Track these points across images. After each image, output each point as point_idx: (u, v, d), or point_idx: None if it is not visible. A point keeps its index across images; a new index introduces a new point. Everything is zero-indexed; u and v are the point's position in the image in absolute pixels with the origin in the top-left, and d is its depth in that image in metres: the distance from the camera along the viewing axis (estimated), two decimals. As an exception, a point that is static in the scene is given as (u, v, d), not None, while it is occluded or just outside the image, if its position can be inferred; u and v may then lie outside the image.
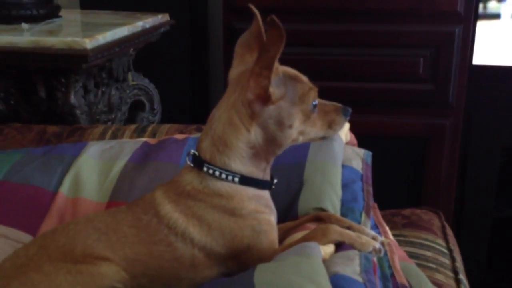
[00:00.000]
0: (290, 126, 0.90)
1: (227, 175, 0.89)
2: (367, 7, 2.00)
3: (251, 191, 0.91)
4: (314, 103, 0.92)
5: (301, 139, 0.94)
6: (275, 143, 0.91)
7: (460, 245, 1.44)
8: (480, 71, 2.08)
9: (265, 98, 0.87)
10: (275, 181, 0.97)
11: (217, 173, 0.90)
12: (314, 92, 0.92)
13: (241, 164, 0.90)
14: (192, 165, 0.92)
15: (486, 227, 2.19)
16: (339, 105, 0.96)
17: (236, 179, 0.90)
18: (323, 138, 0.97)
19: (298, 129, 0.91)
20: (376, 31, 2.01)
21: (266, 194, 0.95)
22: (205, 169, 0.90)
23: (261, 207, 0.92)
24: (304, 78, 0.93)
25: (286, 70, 0.91)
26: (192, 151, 0.93)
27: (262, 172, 0.93)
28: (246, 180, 0.91)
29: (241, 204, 0.90)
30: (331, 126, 0.95)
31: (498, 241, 2.26)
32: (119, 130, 1.50)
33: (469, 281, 1.25)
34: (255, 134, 0.89)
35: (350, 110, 0.96)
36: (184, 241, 0.88)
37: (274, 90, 0.87)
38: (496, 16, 2.08)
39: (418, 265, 1.15)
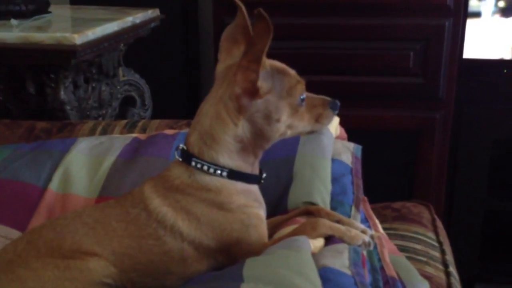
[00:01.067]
0: (278, 120, 0.90)
1: (215, 170, 0.89)
2: (357, 1, 2.00)
3: (240, 185, 0.91)
4: (301, 96, 0.91)
5: (289, 133, 0.93)
6: (263, 137, 0.91)
7: (451, 238, 1.44)
8: (469, 65, 2.09)
9: (253, 92, 0.87)
10: (264, 175, 0.97)
11: (205, 167, 0.89)
12: (301, 86, 0.92)
13: (229, 158, 0.90)
14: (180, 159, 0.92)
15: (477, 220, 2.20)
16: (328, 98, 0.96)
17: (224, 174, 0.90)
18: (311, 132, 0.96)
19: (286, 123, 0.91)
20: (366, 25, 2.01)
21: (255, 188, 0.95)
22: (193, 163, 0.90)
23: (250, 201, 0.92)
24: (292, 72, 0.93)
25: (273, 63, 0.91)
26: (181, 145, 0.93)
27: (250, 166, 0.93)
28: (234, 175, 0.91)
29: (229, 198, 0.90)
30: (319, 120, 0.94)
31: (489, 234, 2.28)
32: (109, 125, 1.49)
33: (460, 274, 1.25)
34: (242, 128, 0.89)
35: (338, 103, 0.96)
36: (173, 235, 0.88)
37: (262, 84, 0.87)
38: (477, 14, 2.09)
39: (408, 258, 1.15)
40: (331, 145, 1.17)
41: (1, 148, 1.25)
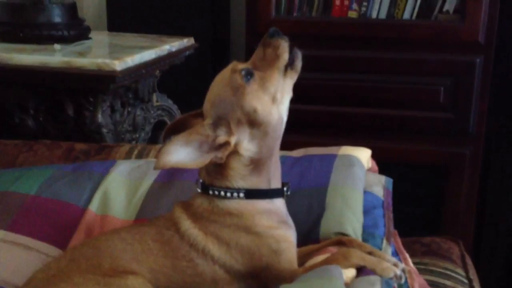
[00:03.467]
0: (257, 111, 0.89)
1: (231, 193, 0.92)
2: (389, 36, 2.04)
3: (260, 205, 0.93)
4: (244, 79, 0.90)
5: (278, 97, 0.90)
6: (266, 134, 0.91)
7: (479, 275, 1.43)
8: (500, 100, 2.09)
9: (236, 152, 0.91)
10: (286, 188, 0.97)
11: (222, 193, 0.93)
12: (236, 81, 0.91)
13: (242, 181, 0.93)
14: (199, 190, 0.96)
15: (506, 257, 2.17)
16: (264, 39, 0.93)
17: (242, 194, 0.93)
18: (288, 73, 0.92)
19: (266, 104, 0.89)
20: (398, 59, 2.04)
21: (279, 208, 0.96)
22: (210, 192, 0.94)
23: (274, 222, 0.93)
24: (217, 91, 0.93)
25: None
26: (200, 179, 0.96)
27: (267, 182, 0.94)
28: (252, 193, 0.93)
29: (252, 221, 0.92)
30: (278, 64, 0.91)
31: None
32: (144, 149, 1.53)
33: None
34: (246, 151, 0.91)
35: (273, 30, 0.92)
36: (204, 257, 0.91)
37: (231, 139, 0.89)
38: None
39: (437, 293, 1.15)
40: (364, 177, 1.19)
41: (44, 168, 1.30)
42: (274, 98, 0.91)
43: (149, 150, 1.54)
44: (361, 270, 0.92)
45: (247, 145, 0.91)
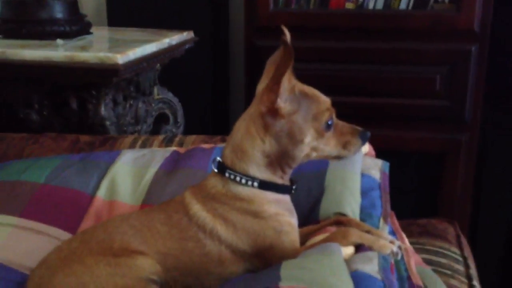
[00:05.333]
0: (302, 141, 0.95)
1: (247, 180, 0.97)
2: (386, 26, 2.07)
3: (271, 195, 0.98)
4: (329, 122, 0.97)
5: (314, 155, 0.98)
6: (288, 155, 0.97)
7: (475, 257, 1.47)
8: (495, 88, 2.13)
9: (274, 112, 0.94)
10: (295, 186, 1.02)
11: (237, 178, 0.97)
12: (329, 112, 0.97)
13: (258, 171, 0.97)
14: (216, 170, 0.99)
15: (501, 242, 2.21)
16: (358, 128, 1.00)
17: (256, 184, 0.97)
18: (338, 157, 1.00)
19: (310, 145, 0.96)
20: (394, 49, 2.08)
21: (286, 198, 1.01)
22: (227, 174, 0.98)
23: (281, 210, 0.98)
24: (323, 99, 0.98)
25: (304, 89, 0.97)
26: (218, 158, 1.00)
27: (280, 179, 0.99)
28: (265, 185, 0.97)
29: (261, 207, 0.96)
30: (346, 146, 0.98)
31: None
32: (148, 140, 1.57)
33: (484, 289, 1.28)
34: (269, 144, 0.96)
35: (368, 134, 0.99)
36: (212, 238, 0.95)
37: (285, 105, 0.93)
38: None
39: (433, 271, 1.20)
40: (361, 160, 1.23)
41: (51, 158, 1.34)
42: (318, 152, 0.98)
43: (152, 140, 1.58)
44: (359, 248, 0.96)
45: (273, 139, 0.95)
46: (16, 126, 1.95)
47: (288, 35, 0.93)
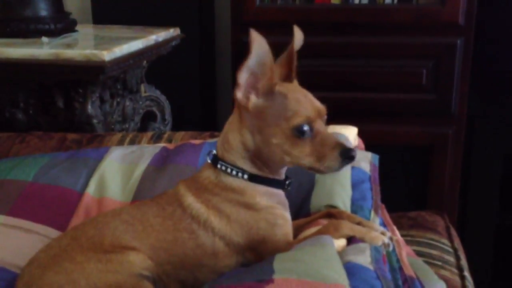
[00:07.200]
0: (269, 141, 0.93)
1: (237, 172, 0.97)
2: (372, 20, 2.08)
3: (262, 188, 0.98)
4: (303, 128, 0.91)
5: (288, 160, 0.94)
6: (263, 154, 0.96)
7: (464, 249, 1.49)
8: (481, 81, 2.15)
9: (244, 104, 0.94)
10: (288, 182, 1.01)
11: (228, 169, 0.97)
12: (302, 118, 0.91)
13: (245, 164, 0.97)
14: (209, 161, 0.99)
15: (489, 233, 2.24)
16: (343, 144, 0.91)
17: (246, 176, 0.97)
18: (312, 169, 0.93)
19: (281, 148, 0.93)
20: (380, 43, 2.09)
21: (279, 191, 1.01)
22: (219, 166, 0.98)
23: (273, 203, 0.98)
24: (307, 105, 0.93)
25: (285, 89, 0.94)
26: (213, 150, 1.00)
27: (270, 174, 0.99)
28: (255, 178, 0.97)
29: (253, 199, 0.96)
30: (320, 159, 0.91)
31: (501, 248, 2.31)
32: (136, 137, 1.56)
33: (474, 281, 1.29)
34: (246, 138, 0.96)
35: (353, 153, 0.90)
36: (205, 229, 0.95)
37: (258, 100, 0.93)
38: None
39: (424, 262, 1.20)
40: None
41: (39, 156, 1.32)
42: (291, 157, 0.93)
43: (140, 137, 1.57)
44: (351, 240, 0.96)
45: (249, 134, 0.95)
46: (2, 126, 1.93)
47: (256, 35, 0.91)
